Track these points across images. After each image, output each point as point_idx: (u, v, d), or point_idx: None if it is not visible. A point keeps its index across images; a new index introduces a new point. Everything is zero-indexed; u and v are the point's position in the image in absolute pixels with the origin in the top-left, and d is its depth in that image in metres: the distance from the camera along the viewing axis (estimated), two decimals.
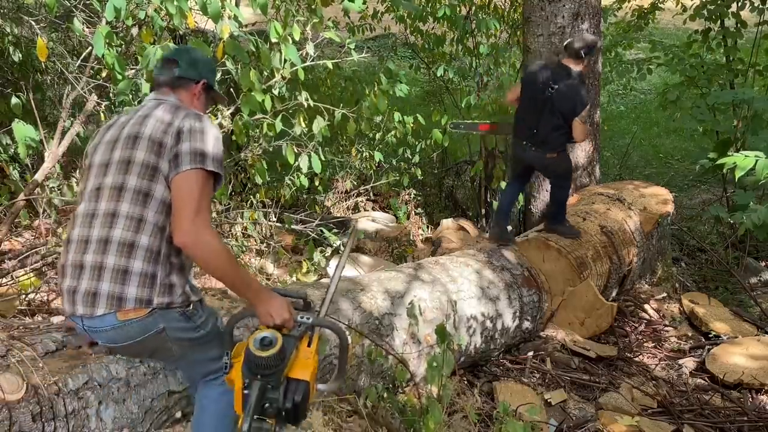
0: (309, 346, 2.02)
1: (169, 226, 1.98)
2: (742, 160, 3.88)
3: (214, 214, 5.37)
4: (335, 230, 5.36)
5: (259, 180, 4.99)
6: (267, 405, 1.90)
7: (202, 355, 2.17)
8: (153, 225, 1.97)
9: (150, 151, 1.98)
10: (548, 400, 3.90)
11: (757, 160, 3.82)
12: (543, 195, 5.92)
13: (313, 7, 4.75)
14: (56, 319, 3.22)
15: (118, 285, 1.95)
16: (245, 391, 1.91)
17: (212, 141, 2.00)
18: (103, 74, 3.86)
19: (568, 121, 4.40)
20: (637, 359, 4.56)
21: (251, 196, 5.89)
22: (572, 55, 4.45)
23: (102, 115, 3.97)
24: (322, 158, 4.85)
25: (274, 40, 4.03)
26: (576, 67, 4.44)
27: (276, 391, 1.90)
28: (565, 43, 4.57)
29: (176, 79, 2.17)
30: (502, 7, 7.27)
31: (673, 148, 9.63)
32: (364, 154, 6.50)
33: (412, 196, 6.93)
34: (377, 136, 6.19)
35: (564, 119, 4.42)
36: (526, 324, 4.53)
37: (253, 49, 4.22)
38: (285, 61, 4.31)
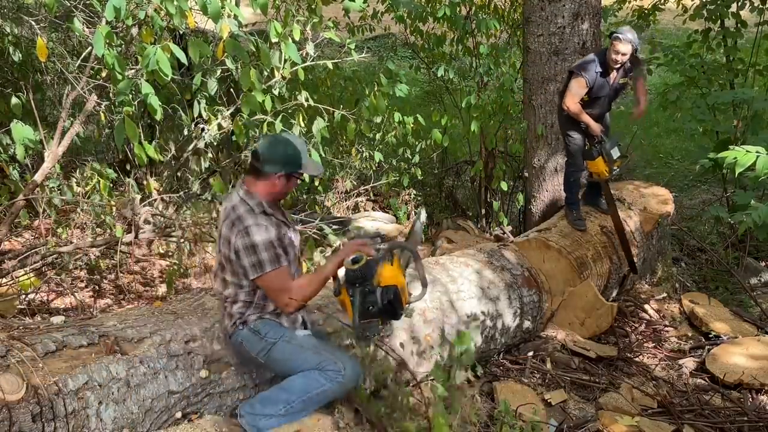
0: (392, 265, 2.60)
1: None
2: (742, 156, 3.85)
3: (213, 214, 5.38)
4: (336, 228, 5.36)
5: None
6: (369, 307, 2.51)
7: None
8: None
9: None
10: (548, 400, 3.90)
11: (758, 156, 3.80)
12: (543, 195, 5.92)
13: (313, 6, 4.75)
14: (56, 319, 3.22)
15: None
16: (352, 299, 2.52)
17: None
18: (103, 74, 3.85)
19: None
20: (637, 359, 4.55)
21: None
22: None
23: (102, 115, 3.96)
24: (322, 154, 4.85)
25: (274, 39, 4.02)
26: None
27: (373, 295, 2.51)
28: None
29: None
30: (502, 7, 7.26)
31: (673, 148, 9.63)
32: (364, 154, 6.50)
33: (412, 196, 6.92)
34: (377, 136, 6.18)
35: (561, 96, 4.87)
36: (527, 324, 4.52)
37: (253, 49, 4.21)
38: (285, 60, 4.31)
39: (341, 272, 2.57)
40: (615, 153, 4.78)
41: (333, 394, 2.66)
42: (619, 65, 4.66)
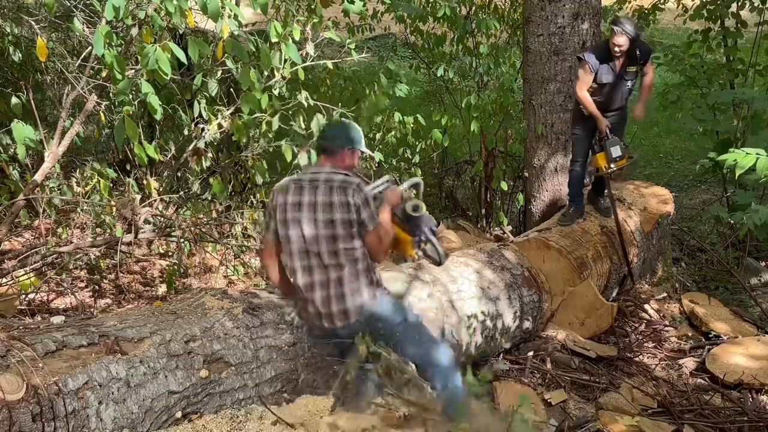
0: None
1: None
2: (742, 158, 3.86)
3: (213, 214, 5.38)
4: None
5: (259, 180, 4.99)
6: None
7: None
8: None
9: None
10: (548, 400, 3.90)
11: (758, 158, 3.81)
12: (543, 195, 5.93)
13: (312, 7, 4.75)
14: (56, 319, 3.22)
15: None
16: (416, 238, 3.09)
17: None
18: (103, 74, 3.85)
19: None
20: (637, 359, 4.55)
21: (251, 196, 5.89)
22: None
23: (102, 115, 3.96)
24: None
25: (274, 39, 4.02)
26: None
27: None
28: None
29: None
30: (502, 7, 7.26)
31: (673, 148, 9.63)
32: (364, 154, 6.49)
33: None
34: (377, 136, 6.18)
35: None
36: (527, 324, 4.52)
37: (253, 49, 4.21)
38: (285, 60, 4.30)
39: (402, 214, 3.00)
40: (615, 152, 4.80)
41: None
42: (620, 54, 4.67)
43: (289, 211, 2.84)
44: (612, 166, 4.84)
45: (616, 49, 4.61)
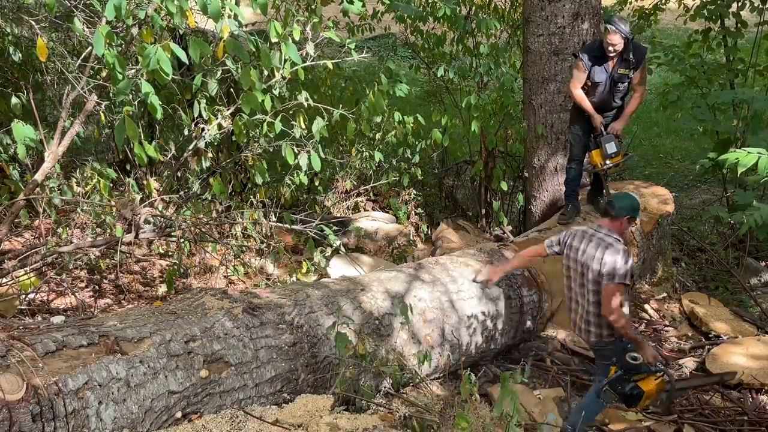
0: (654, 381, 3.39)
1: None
2: (744, 157, 3.88)
3: (213, 214, 5.38)
4: (336, 229, 5.36)
5: (259, 180, 4.99)
6: (618, 386, 3.37)
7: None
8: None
9: None
10: (544, 397, 3.91)
11: (759, 157, 3.82)
12: (543, 195, 5.92)
13: (312, 7, 4.75)
14: (56, 319, 3.22)
15: None
16: (616, 372, 3.39)
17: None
18: (103, 74, 3.85)
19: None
20: None
21: (251, 196, 5.89)
22: None
23: (102, 115, 3.96)
24: (322, 156, 4.84)
25: (274, 39, 4.02)
26: None
27: (627, 384, 3.35)
28: None
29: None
30: (502, 7, 7.26)
31: (673, 148, 9.62)
32: (364, 154, 6.49)
33: (412, 196, 6.92)
34: (377, 136, 6.18)
35: None
36: (527, 324, 4.52)
37: (253, 49, 4.21)
38: (285, 60, 4.30)
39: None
40: (611, 148, 4.81)
41: None
42: (614, 54, 4.65)
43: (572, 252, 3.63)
44: (608, 162, 4.84)
45: (611, 48, 4.59)
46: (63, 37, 5.86)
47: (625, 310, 3.48)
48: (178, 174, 5.75)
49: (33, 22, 4.23)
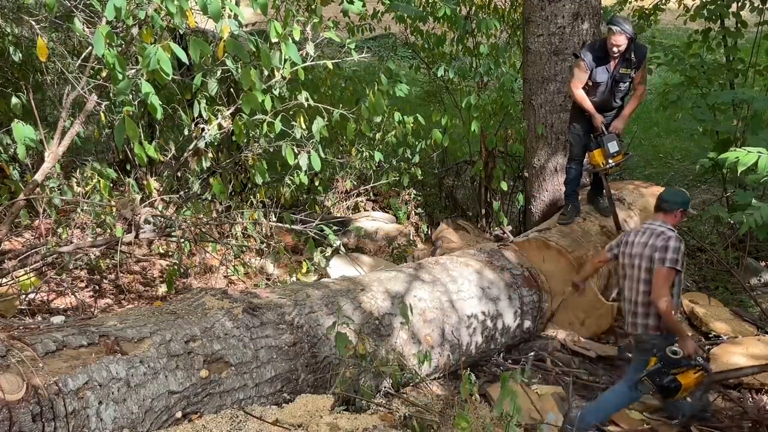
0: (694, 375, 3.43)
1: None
2: (744, 156, 3.88)
3: (213, 214, 5.38)
4: (336, 229, 5.36)
5: (259, 180, 4.99)
6: (657, 378, 3.39)
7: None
8: None
9: None
10: (542, 394, 3.91)
11: (759, 156, 3.82)
12: (543, 195, 5.93)
13: (312, 7, 4.75)
14: (56, 319, 3.22)
15: None
16: (656, 363, 3.43)
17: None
18: (103, 74, 3.85)
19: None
20: None
21: (251, 196, 5.89)
22: None
23: (102, 115, 3.96)
24: (322, 156, 4.84)
25: (274, 39, 4.02)
26: None
27: (665, 376, 3.39)
28: None
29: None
30: (502, 7, 7.26)
31: (673, 148, 9.61)
32: (364, 154, 6.50)
33: (412, 196, 6.92)
34: (377, 136, 6.18)
35: None
36: (527, 324, 4.53)
37: (253, 49, 4.21)
38: (285, 60, 4.30)
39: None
40: (613, 147, 4.80)
41: None
42: (617, 54, 4.65)
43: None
44: (610, 161, 4.84)
45: (615, 48, 4.59)
46: (63, 37, 5.86)
47: (674, 300, 3.50)
48: (178, 174, 5.75)
49: (33, 22, 4.23)
